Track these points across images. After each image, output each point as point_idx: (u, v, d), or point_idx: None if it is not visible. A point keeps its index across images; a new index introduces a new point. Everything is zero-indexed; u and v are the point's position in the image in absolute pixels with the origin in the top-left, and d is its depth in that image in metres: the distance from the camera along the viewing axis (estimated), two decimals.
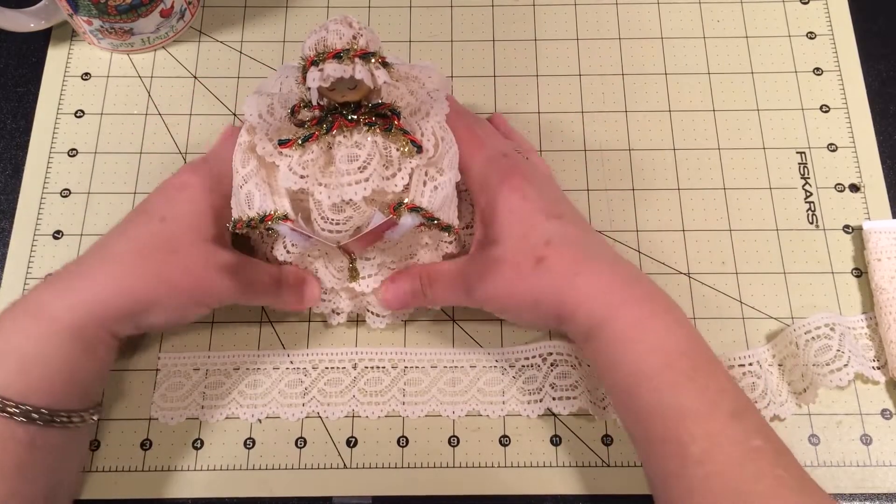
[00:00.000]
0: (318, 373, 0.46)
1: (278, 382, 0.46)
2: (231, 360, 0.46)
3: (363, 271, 0.43)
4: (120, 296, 0.39)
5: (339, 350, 0.47)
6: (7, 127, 0.53)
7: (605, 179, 0.51)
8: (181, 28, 0.55)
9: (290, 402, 0.46)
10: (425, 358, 0.47)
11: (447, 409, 0.45)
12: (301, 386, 0.46)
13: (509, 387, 0.46)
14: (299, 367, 0.46)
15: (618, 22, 0.56)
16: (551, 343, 0.46)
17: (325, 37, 0.35)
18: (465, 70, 0.54)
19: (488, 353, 0.47)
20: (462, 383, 0.46)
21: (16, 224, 0.50)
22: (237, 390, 0.46)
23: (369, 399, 0.46)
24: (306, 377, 0.46)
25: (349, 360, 0.46)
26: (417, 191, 0.39)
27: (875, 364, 0.46)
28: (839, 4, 0.56)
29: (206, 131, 0.52)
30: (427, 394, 0.46)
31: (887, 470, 0.44)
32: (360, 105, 0.38)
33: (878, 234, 0.48)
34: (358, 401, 0.46)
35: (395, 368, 0.46)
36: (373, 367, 0.46)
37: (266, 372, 0.46)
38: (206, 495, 0.44)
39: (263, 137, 0.39)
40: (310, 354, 0.47)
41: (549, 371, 0.46)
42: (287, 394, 0.46)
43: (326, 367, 0.46)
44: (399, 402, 0.46)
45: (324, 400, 0.46)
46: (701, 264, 0.49)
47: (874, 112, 0.53)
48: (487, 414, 0.45)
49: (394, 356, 0.47)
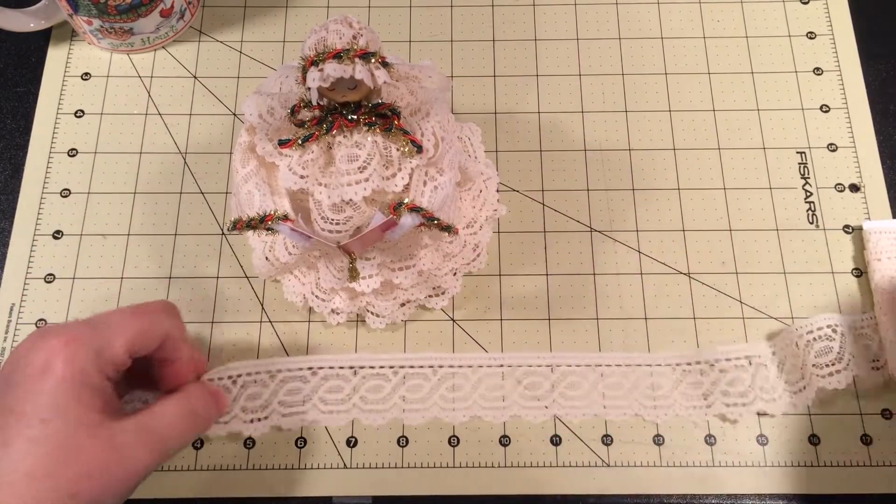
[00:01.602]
0: (318, 379, 0.46)
1: (277, 392, 0.46)
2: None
3: (363, 271, 0.43)
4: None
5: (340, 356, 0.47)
6: (7, 127, 0.53)
7: (605, 179, 0.51)
8: (181, 28, 0.55)
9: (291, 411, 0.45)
10: (425, 359, 0.47)
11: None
12: (300, 394, 0.45)
13: (510, 392, 0.46)
14: (297, 374, 0.46)
15: (618, 22, 0.56)
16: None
17: (325, 37, 0.35)
18: (465, 70, 0.54)
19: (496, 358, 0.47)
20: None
21: (16, 224, 0.50)
22: (240, 405, 0.45)
23: (378, 405, 0.46)
24: (305, 384, 0.46)
25: (388, 365, 0.46)
26: (417, 191, 0.39)
27: (875, 364, 0.46)
28: (839, 4, 0.56)
29: (205, 131, 0.52)
30: (428, 400, 0.46)
31: (887, 470, 0.44)
32: (360, 105, 0.38)
33: (877, 233, 0.48)
34: (360, 409, 0.45)
35: (395, 375, 0.46)
36: (375, 373, 0.46)
37: (263, 382, 0.46)
38: (206, 495, 0.44)
39: (263, 137, 0.39)
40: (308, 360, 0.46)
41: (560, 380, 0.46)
42: (287, 402, 0.45)
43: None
44: (401, 409, 0.45)
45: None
46: (701, 264, 0.49)
47: (874, 112, 0.53)
48: (490, 419, 0.45)
49: (394, 361, 0.47)
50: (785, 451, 0.45)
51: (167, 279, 0.49)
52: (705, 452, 0.45)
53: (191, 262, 0.49)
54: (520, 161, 0.52)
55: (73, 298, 0.48)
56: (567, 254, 0.49)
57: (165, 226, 0.50)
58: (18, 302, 0.48)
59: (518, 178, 0.51)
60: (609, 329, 0.47)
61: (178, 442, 0.38)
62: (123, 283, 0.49)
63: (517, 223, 0.50)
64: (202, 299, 0.48)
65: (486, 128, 0.52)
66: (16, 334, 0.47)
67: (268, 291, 0.49)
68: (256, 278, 0.49)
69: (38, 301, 0.48)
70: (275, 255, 0.43)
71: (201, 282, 0.49)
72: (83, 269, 0.49)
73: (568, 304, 0.48)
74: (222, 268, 0.49)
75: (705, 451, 0.45)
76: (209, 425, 0.41)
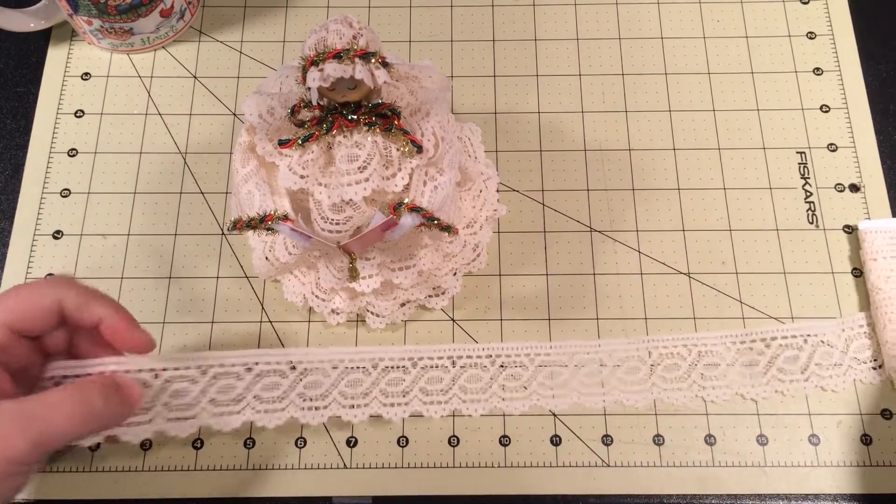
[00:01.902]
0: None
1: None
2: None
3: (363, 271, 0.43)
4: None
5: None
6: (7, 127, 0.53)
7: (605, 179, 0.51)
8: (181, 28, 0.55)
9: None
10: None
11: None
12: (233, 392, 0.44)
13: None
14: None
15: (618, 22, 0.56)
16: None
17: (325, 37, 0.35)
18: (465, 70, 0.54)
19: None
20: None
21: (16, 224, 0.50)
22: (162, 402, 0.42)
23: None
24: (239, 381, 0.44)
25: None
26: (417, 191, 0.39)
27: (873, 364, 0.46)
28: (839, 4, 0.56)
29: (206, 131, 0.52)
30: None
31: (887, 470, 0.44)
32: (360, 105, 0.38)
33: (873, 233, 0.48)
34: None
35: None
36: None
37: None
38: (207, 495, 0.44)
39: (263, 137, 0.39)
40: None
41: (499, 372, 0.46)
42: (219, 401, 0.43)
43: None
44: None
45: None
46: (701, 264, 0.49)
47: (874, 112, 0.53)
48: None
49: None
50: (785, 452, 0.45)
51: (167, 279, 0.49)
52: (705, 452, 0.45)
53: (191, 262, 0.49)
54: (520, 161, 0.52)
55: None
56: (567, 254, 0.49)
57: (165, 226, 0.50)
58: None
59: (518, 178, 0.51)
60: (609, 329, 0.47)
61: (64, 432, 0.35)
62: (123, 283, 0.49)
63: (517, 223, 0.50)
64: (202, 299, 0.48)
65: (486, 128, 0.52)
66: None
67: (268, 291, 0.49)
68: (256, 278, 0.49)
69: None
70: (275, 255, 0.43)
71: (201, 282, 0.49)
72: (83, 269, 0.49)
73: (568, 304, 0.48)
74: (222, 268, 0.49)
75: (705, 451, 0.45)
76: (114, 420, 0.38)
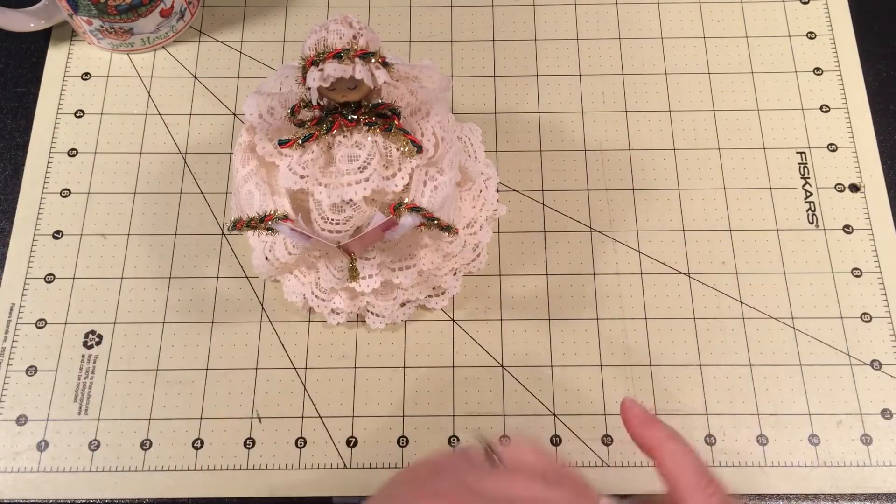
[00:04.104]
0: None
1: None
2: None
3: (363, 271, 0.43)
4: None
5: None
6: (7, 127, 0.53)
7: (605, 179, 0.51)
8: (181, 28, 0.55)
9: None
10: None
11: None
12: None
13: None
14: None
15: (618, 22, 0.56)
16: None
17: (325, 37, 0.35)
18: (465, 70, 0.54)
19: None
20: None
21: (16, 224, 0.50)
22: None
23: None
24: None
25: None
26: (417, 191, 0.39)
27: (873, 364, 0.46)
28: (839, 4, 0.56)
29: (205, 131, 0.52)
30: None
31: (887, 470, 0.44)
32: (360, 105, 0.38)
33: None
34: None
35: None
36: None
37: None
38: (206, 495, 0.44)
39: (263, 137, 0.39)
40: None
41: None
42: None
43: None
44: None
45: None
46: (701, 264, 0.49)
47: (874, 112, 0.53)
48: None
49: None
50: (785, 451, 0.45)
51: (167, 279, 0.49)
52: (706, 452, 0.45)
53: (191, 262, 0.49)
54: (520, 161, 0.52)
55: (73, 298, 0.48)
56: (567, 254, 0.49)
57: (165, 226, 0.50)
58: (18, 302, 0.48)
59: (518, 178, 0.51)
60: (609, 329, 0.47)
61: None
62: (123, 283, 0.49)
63: (517, 223, 0.50)
64: (202, 299, 0.48)
65: (486, 128, 0.52)
66: (16, 334, 0.47)
67: (268, 291, 0.49)
68: (256, 278, 0.49)
69: (38, 301, 0.48)
70: (275, 255, 0.43)
71: (201, 282, 0.49)
72: (83, 269, 0.49)
73: (568, 304, 0.48)
74: (222, 268, 0.49)
75: (706, 451, 0.45)
76: None
